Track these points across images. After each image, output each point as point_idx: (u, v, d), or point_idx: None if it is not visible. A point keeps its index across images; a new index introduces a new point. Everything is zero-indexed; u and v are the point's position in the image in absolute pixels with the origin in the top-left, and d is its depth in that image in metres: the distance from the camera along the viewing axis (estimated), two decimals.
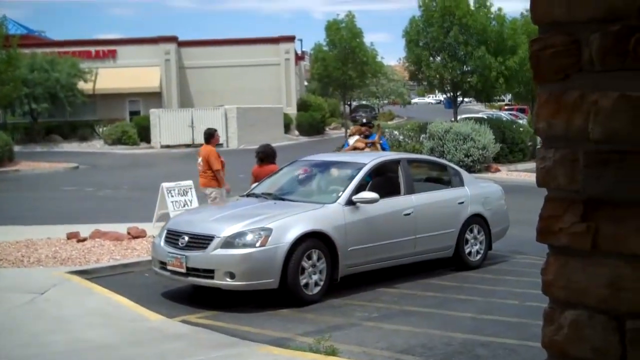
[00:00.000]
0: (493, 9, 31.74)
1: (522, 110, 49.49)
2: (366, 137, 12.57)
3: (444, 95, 39.30)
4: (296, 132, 45.72)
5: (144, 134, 39.79)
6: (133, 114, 43.79)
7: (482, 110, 55.06)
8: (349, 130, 13.55)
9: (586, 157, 1.25)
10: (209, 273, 8.20)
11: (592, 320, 1.26)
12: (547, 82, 1.30)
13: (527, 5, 1.34)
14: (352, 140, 12.98)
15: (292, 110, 45.88)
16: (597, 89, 1.23)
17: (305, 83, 60.28)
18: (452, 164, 11.87)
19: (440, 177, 11.02)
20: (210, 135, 12.36)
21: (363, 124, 13.15)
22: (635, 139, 1.19)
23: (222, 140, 38.34)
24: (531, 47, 1.31)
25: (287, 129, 44.34)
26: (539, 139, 1.35)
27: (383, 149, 12.74)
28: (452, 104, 33.99)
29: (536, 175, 1.34)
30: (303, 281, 8.26)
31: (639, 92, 1.18)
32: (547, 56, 1.28)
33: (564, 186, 1.28)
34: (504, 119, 34.07)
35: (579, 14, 1.24)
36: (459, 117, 30.60)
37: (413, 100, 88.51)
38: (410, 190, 9.83)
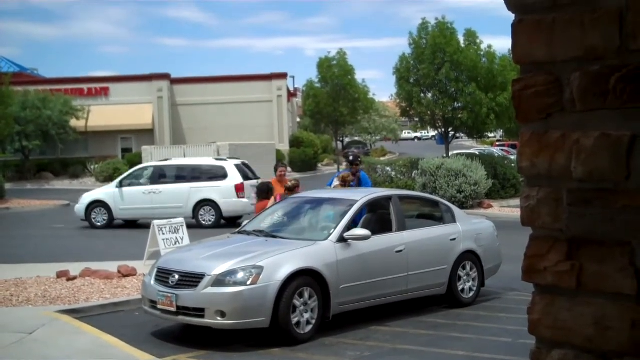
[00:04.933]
0: (483, 46, 32.11)
1: (513, 146, 49.81)
2: (353, 174, 12.54)
3: (436, 131, 39.56)
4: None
5: None
6: (125, 151, 43.85)
7: (474, 146, 55.38)
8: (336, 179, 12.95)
9: (569, 195, 1.25)
10: (199, 312, 8.12)
11: None
12: (529, 121, 1.30)
13: None
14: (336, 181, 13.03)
15: (285, 147, 46.03)
16: (578, 128, 1.24)
17: (298, 119, 60.60)
18: (443, 200, 11.87)
19: (432, 214, 11.01)
20: (275, 169, 12.91)
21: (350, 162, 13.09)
22: (617, 177, 1.20)
23: None
24: (513, 87, 1.32)
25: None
26: None
27: (359, 184, 12.62)
28: (443, 140, 34.18)
29: (521, 214, 1.34)
30: (294, 320, 8.19)
31: (620, 131, 1.19)
32: (529, 96, 1.29)
33: (548, 225, 1.28)
34: (496, 154, 34.24)
35: (559, 54, 1.25)
36: (450, 153, 30.73)
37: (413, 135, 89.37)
38: (402, 227, 9.82)
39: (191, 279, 8.28)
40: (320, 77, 42.76)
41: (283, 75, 48.21)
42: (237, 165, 20.67)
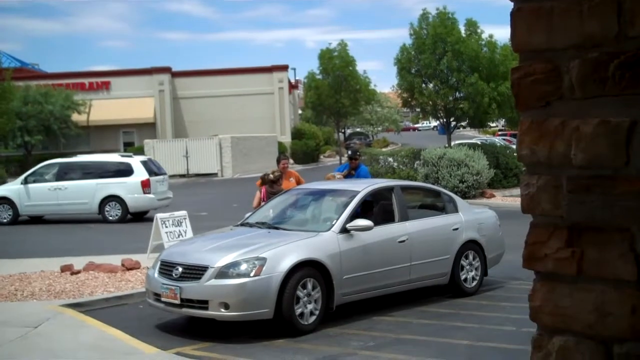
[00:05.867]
0: (484, 36, 32.05)
1: (515, 136, 49.66)
2: (354, 169, 12.40)
3: (438, 122, 39.53)
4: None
5: None
6: (127, 144, 43.87)
7: (475, 136, 55.32)
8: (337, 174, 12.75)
9: (569, 183, 1.26)
10: (203, 304, 8.14)
11: (580, 345, 1.25)
12: (528, 109, 1.31)
13: None
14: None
15: (287, 139, 46.02)
16: (578, 116, 1.24)
17: (299, 111, 60.57)
18: (446, 190, 11.86)
19: (435, 204, 11.01)
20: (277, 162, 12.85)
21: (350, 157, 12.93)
22: (616, 163, 1.20)
23: (216, 169, 38.43)
24: (512, 75, 1.32)
25: None
26: None
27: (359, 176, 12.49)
28: (445, 130, 34.15)
29: (521, 202, 1.35)
30: (298, 311, 8.21)
31: (619, 118, 1.19)
32: (528, 84, 1.29)
33: (548, 212, 1.29)
34: (498, 144, 34.20)
35: (558, 41, 1.25)
36: (452, 143, 30.70)
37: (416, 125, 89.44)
38: (405, 217, 9.82)
39: (195, 271, 8.30)
40: (321, 68, 42.69)
41: (284, 67, 48.13)
42: (143, 162, 21.17)
